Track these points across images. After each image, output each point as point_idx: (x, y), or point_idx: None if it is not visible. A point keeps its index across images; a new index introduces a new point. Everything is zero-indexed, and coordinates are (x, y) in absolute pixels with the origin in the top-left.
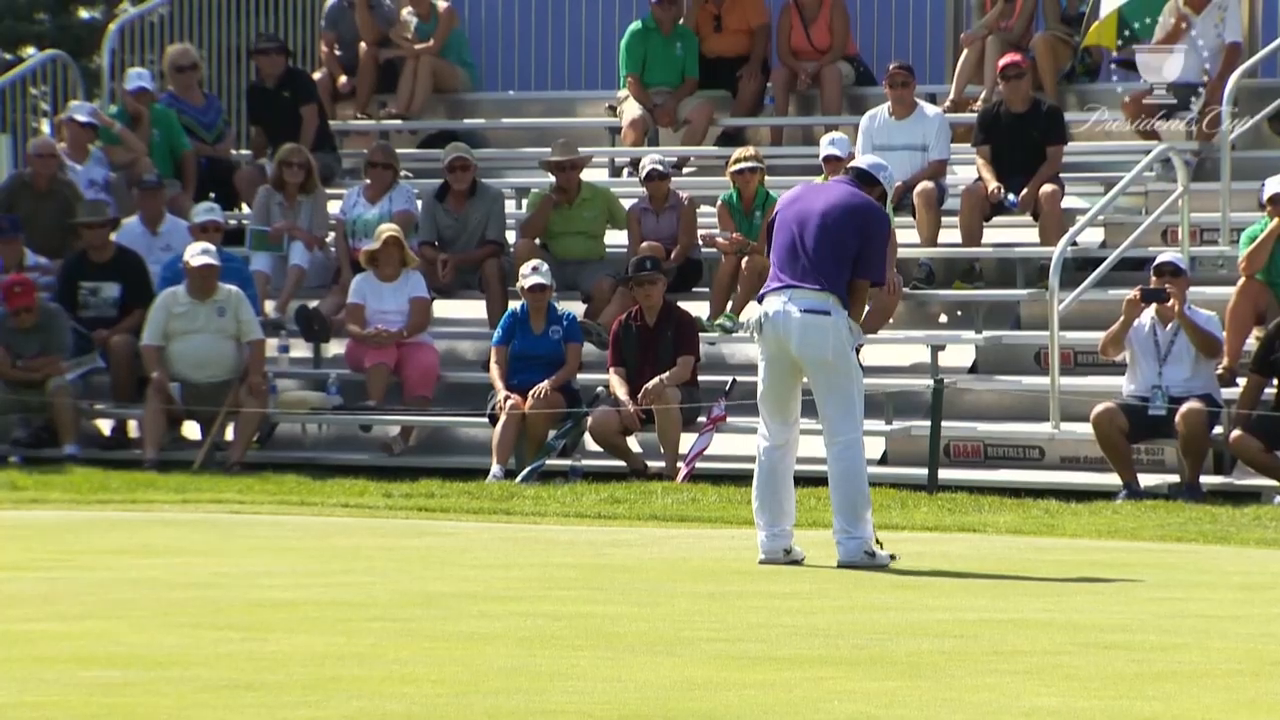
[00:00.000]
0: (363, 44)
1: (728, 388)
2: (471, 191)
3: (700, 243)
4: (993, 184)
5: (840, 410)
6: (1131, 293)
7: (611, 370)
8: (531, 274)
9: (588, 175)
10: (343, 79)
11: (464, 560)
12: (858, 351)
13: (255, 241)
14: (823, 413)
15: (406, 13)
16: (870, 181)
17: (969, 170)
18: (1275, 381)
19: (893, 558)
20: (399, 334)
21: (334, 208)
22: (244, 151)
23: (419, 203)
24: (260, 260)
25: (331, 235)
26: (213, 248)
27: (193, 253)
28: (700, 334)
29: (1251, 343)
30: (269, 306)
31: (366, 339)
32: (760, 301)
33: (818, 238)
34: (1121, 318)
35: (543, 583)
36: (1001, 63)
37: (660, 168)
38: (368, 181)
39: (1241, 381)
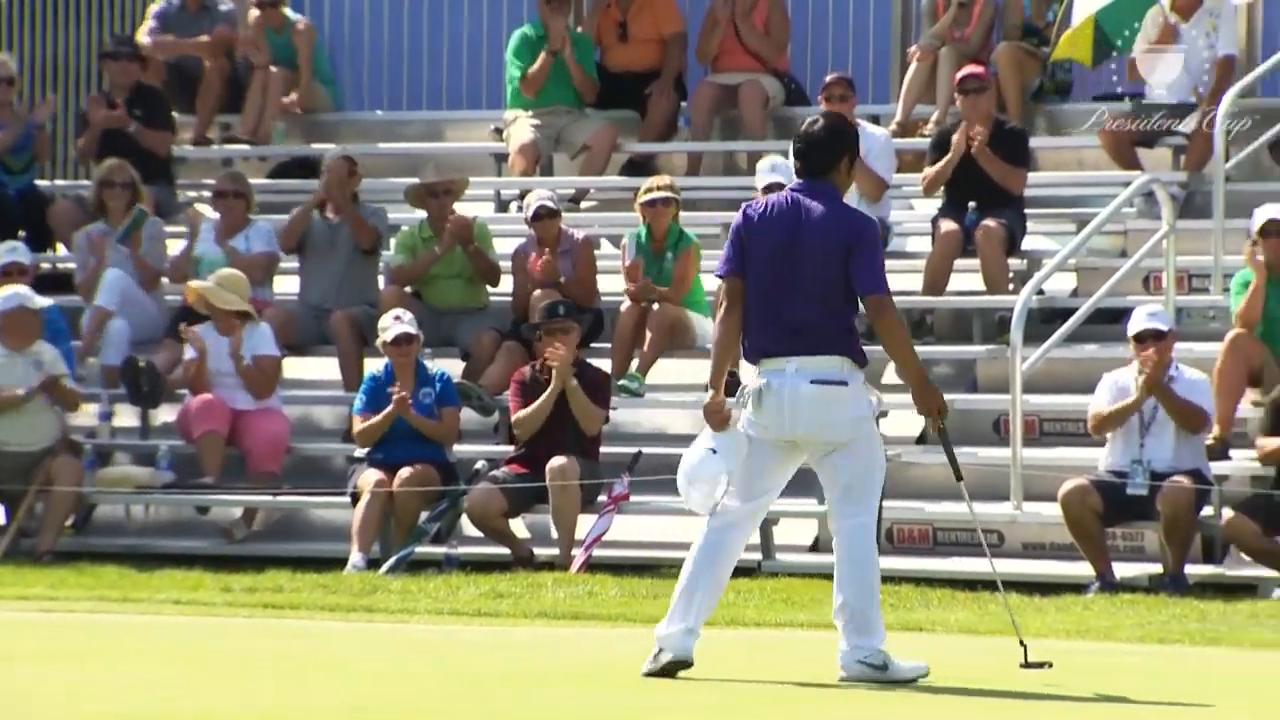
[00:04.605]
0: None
1: (632, 462)
2: (352, 202)
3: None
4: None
5: (859, 488)
6: (1139, 372)
7: (515, 418)
8: (394, 323)
9: (470, 210)
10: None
11: (320, 665)
12: (878, 421)
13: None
14: (833, 492)
15: (253, 18)
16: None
17: (912, 210)
18: None
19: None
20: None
21: (174, 248)
22: (59, 181)
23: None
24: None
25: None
26: (27, 290)
27: (8, 298)
28: None
29: (1246, 408)
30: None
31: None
32: (748, 359)
33: (811, 285)
34: (1134, 396)
35: (407, 694)
36: (960, 74)
37: (550, 204)
38: (216, 216)
39: (1235, 455)
